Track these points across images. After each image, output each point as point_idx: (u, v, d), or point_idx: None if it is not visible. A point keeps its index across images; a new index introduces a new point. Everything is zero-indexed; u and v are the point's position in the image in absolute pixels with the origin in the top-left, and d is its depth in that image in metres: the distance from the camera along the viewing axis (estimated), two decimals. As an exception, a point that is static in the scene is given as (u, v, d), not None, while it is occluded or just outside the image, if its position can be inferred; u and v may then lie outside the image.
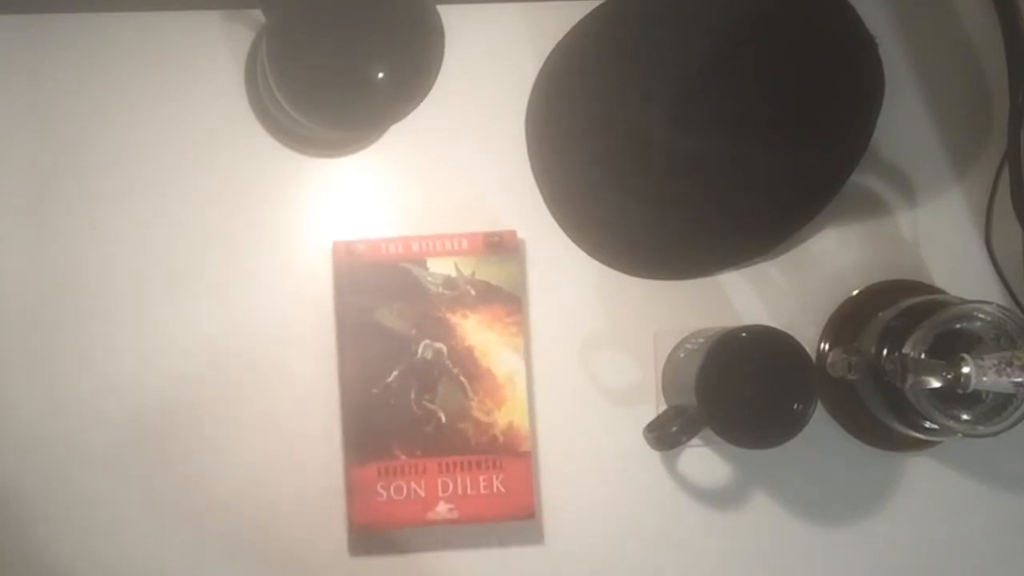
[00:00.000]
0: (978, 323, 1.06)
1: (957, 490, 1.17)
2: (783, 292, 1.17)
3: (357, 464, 1.11)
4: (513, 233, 1.14)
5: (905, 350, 1.05)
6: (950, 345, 1.05)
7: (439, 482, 1.11)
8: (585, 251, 1.16)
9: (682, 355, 1.13)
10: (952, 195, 1.18)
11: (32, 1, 1.12)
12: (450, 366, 1.12)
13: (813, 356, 1.15)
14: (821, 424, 1.16)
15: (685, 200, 1.14)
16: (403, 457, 1.11)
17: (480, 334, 1.12)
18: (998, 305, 1.06)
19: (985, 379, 1.01)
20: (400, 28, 1.01)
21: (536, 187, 1.16)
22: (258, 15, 1.08)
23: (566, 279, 1.16)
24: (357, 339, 1.12)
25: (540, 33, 1.15)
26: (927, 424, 1.07)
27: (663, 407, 1.13)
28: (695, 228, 1.16)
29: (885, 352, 1.07)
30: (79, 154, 1.13)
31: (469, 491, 1.12)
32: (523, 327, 1.13)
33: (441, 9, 1.02)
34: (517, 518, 1.12)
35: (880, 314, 1.12)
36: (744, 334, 1.06)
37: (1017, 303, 1.16)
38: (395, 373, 1.12)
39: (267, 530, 1.13)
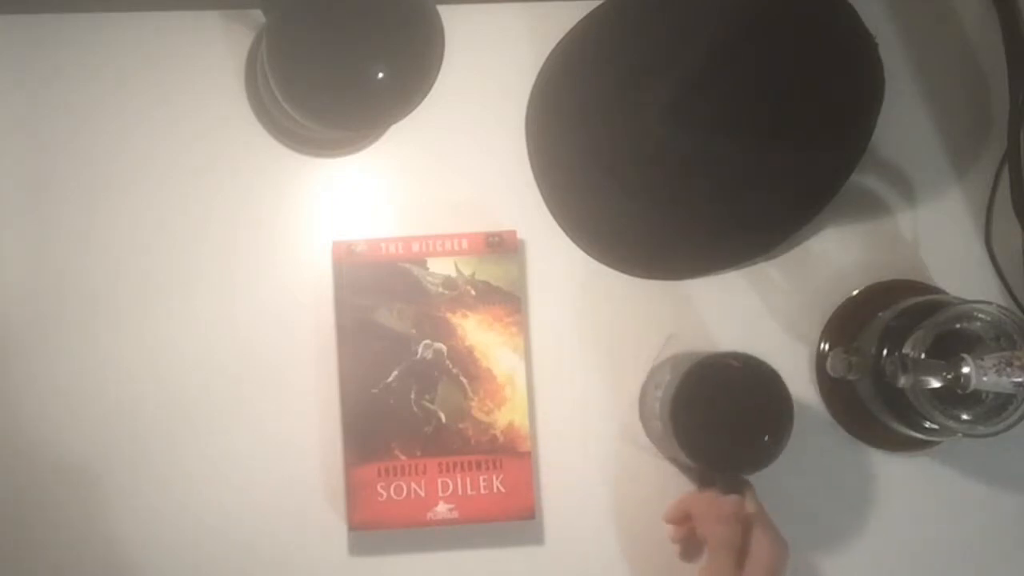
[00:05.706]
0: (978, 323, 1.06)
1: (957, 490, 1.17)
2: (783, 292, 1.17)
3: (357, 464, 1.11)
4: (513, 233, 1.14)
5: (905, 350, 1.05)
6: (950, 345, 1.05)
7: (439, 482, 1.11)
8: (585, 251, 1.16)
9: (656, 388, 1.13)
10: (952, 195, 1.18)
11: (32, 1, 1.12)
12: (450, 366, 1.12)
13: (813, 356, 1.15)
14: (821, 424, 1.16)
15: (685, 200, 1.14)
16: (403, 457, 1.11)
17: (480, 334, 1.12)
18: (998, 305, 1.06)
19: (985, 379, 1.01)
20: (400, 28, 1.01)
21: (536, 187, 1.16)
22: (258, 15, 1.08)
23: (566, 279, 1.16)
24: (357, 339, 1.12)
25: (540, 33, 1.15)
26: (927, 424, 1.07)
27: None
28: (696, 228, 1.16)
29: (885, 352, 1.07)
30: (79, 154, 1.13)
31: (469, 491, 1.11)
32: (523, 327, 1.13)
33: (441, 9, 1.02)
34: (517, 518, 1.12)
35: (880, 314, 1.12)
36: (730, 361, 1.06)
37: (1017, 303, 1.16)
38: (395, 373, 1.12)
39: (267, 530, 1.13)
